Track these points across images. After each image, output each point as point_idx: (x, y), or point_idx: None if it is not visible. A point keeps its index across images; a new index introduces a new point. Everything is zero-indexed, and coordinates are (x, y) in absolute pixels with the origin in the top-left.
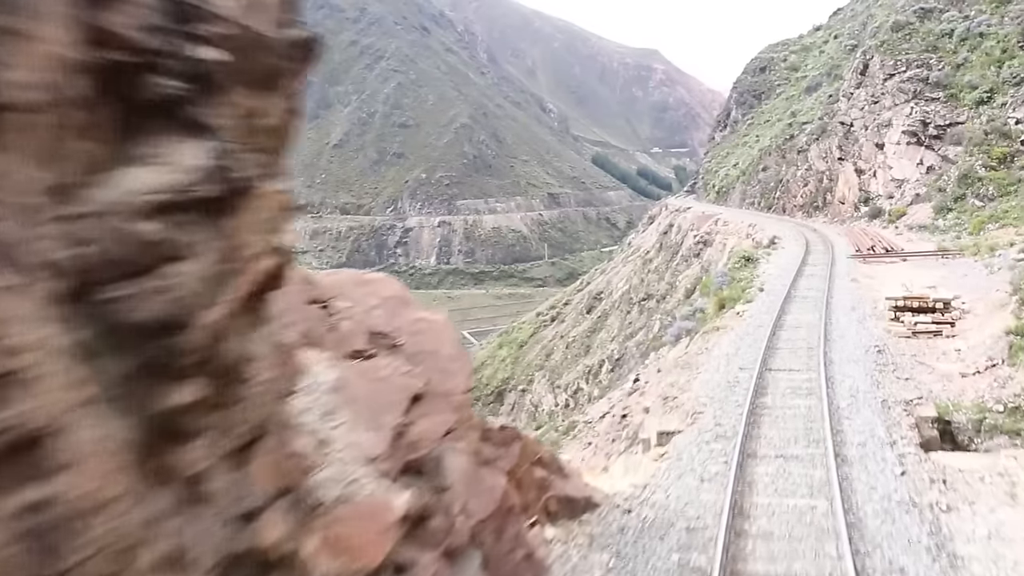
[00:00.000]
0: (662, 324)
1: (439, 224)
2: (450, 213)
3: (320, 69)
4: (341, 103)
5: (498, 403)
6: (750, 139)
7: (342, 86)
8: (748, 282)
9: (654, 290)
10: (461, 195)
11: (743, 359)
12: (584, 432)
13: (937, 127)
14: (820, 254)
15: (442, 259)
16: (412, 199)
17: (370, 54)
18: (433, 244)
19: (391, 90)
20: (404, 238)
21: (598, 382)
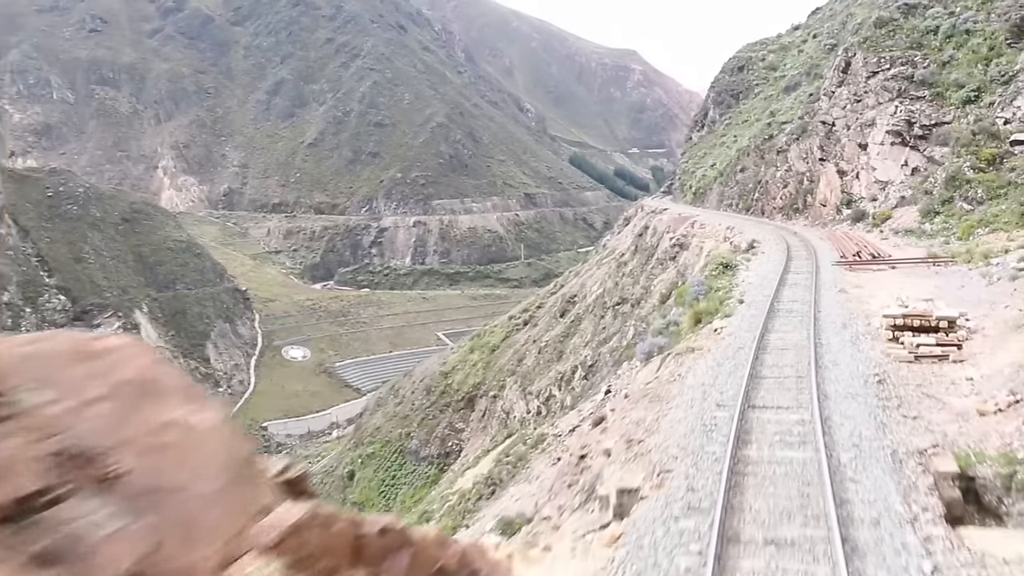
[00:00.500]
0: (636, 331)
1: (414, 224)
2: (425, 213)
3: (295, 67)
4: (316, 101)
5: (469, 410)
6: (728, 139)
7: (317, 84)
8: (726, 292)
9: (628, 294)
10: (437, 195)
11: (721, 392)
12: (553, 445)
13: (922, 127)
14: (803, 260)
15: (417, 259)
16: (387, 199)
17: (346, 52)
18: (408, 244)
19: (367, 89)
20: (379, 238)
21: (571, 389)
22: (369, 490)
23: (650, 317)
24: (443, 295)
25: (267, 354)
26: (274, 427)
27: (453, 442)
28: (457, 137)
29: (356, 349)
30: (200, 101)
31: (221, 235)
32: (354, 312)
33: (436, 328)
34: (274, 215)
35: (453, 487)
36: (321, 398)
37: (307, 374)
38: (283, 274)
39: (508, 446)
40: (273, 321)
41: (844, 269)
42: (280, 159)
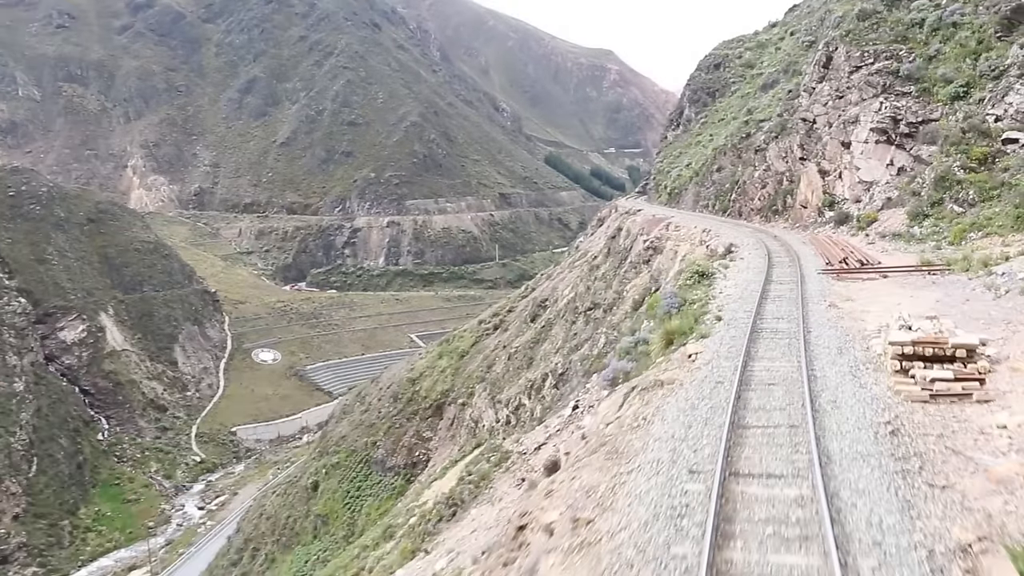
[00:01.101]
0: (607, 339)
1: (388, 224)
2: (399, 213)
3: (268, 65)
4: (289, 100)
5: (437, 418)
6: (704, 138)
7: (290, 83)
8: (702, 306)
9: (601, 299)
10: (411, 195)
11: (695, 450)
12: (518, 465)
13: (909, 124)
14: (785, 267)
15: (391, 260)
16: (361, 199)
17: (319, 50)
18: (382, 245)
19: (340, 87)
20: (352, 238)
21: (541, 398)
22: (334, 502)
23: (622, 325)
24: (416, 296)
25: (237, 357)
26: (243, 432)
27: (420, 451)
28: (431, 136)
29: (328, 352)
30: (171, 99)
31: (191, 236)
32: (326, 314)
33: (409, 330)
34: (246, 215)
35: (419, 499)
36: (291, 402)
37: (277, 377)
38: (254, 275)
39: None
40: (243, 323)
41: (831, 278)
42: (252, 158)
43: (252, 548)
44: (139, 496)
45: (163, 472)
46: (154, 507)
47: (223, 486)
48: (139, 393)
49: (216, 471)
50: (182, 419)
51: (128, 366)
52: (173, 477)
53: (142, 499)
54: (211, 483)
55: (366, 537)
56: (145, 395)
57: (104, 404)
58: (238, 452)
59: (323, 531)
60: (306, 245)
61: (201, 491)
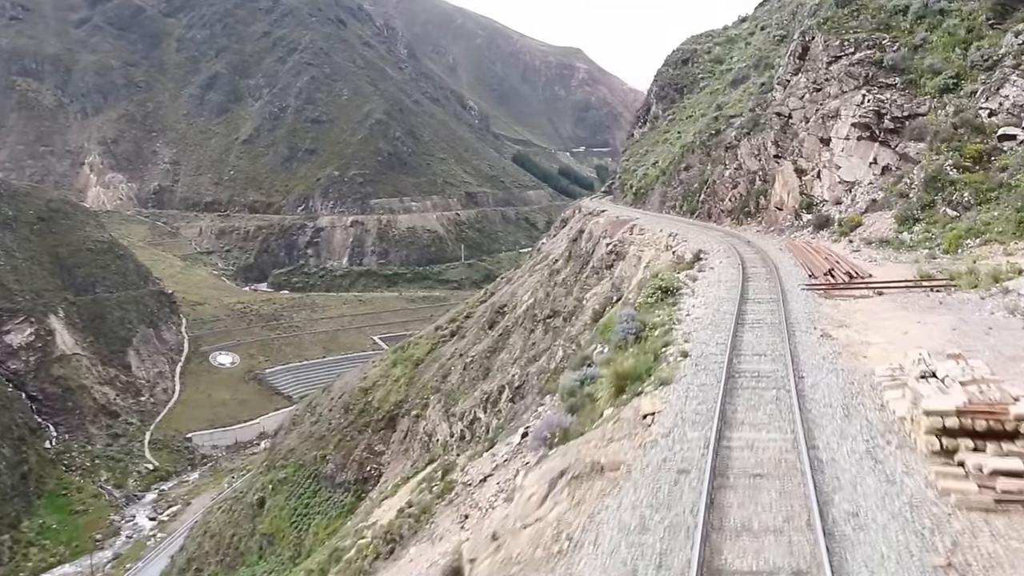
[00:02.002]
0: (565, 352)
1: (352, 224)
2: (363, 212)
3: (230, 61)
4: (252, 97)
5: (389, 430)
6: (671, 136)
7: (253, 79)
8: (665, 333)
9: (561, 307)
10: (375, 194)
11: None
12: (462, 498)
13: (894, 119)
14: (763, 280)
15: (354, 260)
16: (324, 197)
17: (283, 46)
18: (345, 244)
19: (304, 84)
20: (315, 238)
21: (497, 412)
22: (280, 520)
23: (580, 338)
24: (380, 297)
25: (194, 360)
26: (199, 438)
27: (372, 466)
28: (396, 134)
29: (288, 354)
30: (130, 95)
31: (150, 235)
32: (287, 316)
33: (372, 332)
34: (206, 214)
35: (369, 519)
36: (250, 407)
37: (235, 381)
38: (214, 276)
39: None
40: (201, 325)
41: (817, 295)
42: (213, 156)
43: (195, 568)
44: (87, 507)
45: (114, 481)
46: (103, 518)
47: (176, 495)
48: (90, 399)
49: (170, 479)
50: (135, 425)
51: (79, 371)
52: (124, 486)
53: (91, 510)
54: (164, 492)
55: (312, 560)
56: (96, 401)
57: (52, 410)
58: (193, 459)
59: (269, 551)
60: (268, 245)
61: (153, 501)
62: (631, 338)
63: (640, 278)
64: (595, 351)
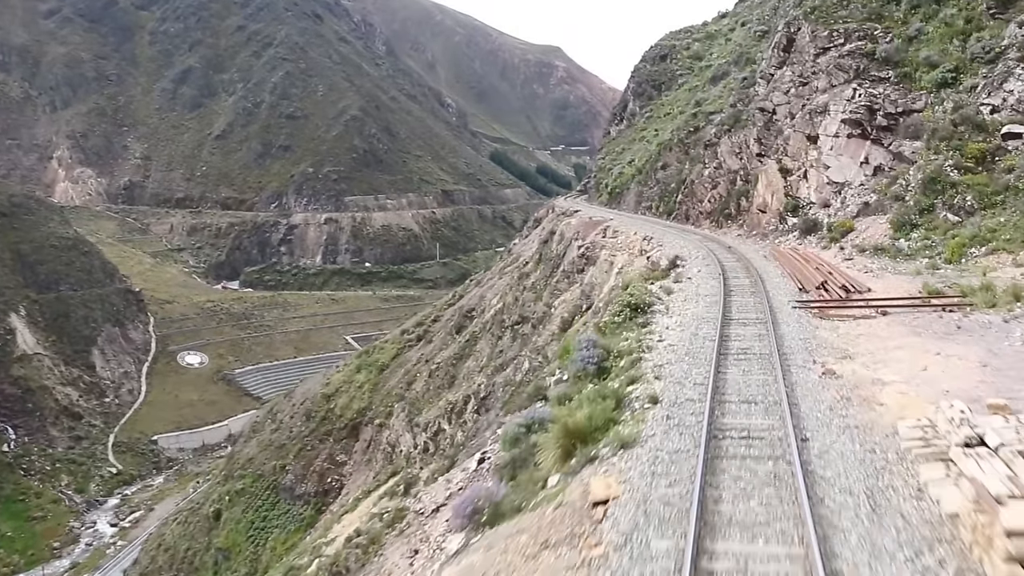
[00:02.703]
0: (531, 364)
1: (325, 221)
2: (337, 210)
3: (204, 55)
4: (226, 91)
5: (352, 439)
6: (648, 133)
7: (227, 74)
8: (632, 364)
9: (529, 312)
10: (350, 191)
11: None
12: (413, 528)
13: (887, 115)
14: (747, 294)
15: (328, 258)
16: (298, 194)
17: (258, 41)
18: (319, 242)
19: (279, 79)
20: (288, 236)
21: (462, 423)
22: (236, 533)
23: (548, 349)
24: (353, 296)
25: (161, 360)
26: (165, 440)
27: (333, 478)
28: (372, 131)
29: (258, 354)
30: (100, 88)
31: (119, 231)
32: (258, 314)
33: (345, 331)
34: (178, 210)
35: (328, 534)
36: (218, 408)
37: (204, 382)
38: (185, 273)
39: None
40: (169, 324)
41: (812, 314)
42: (186, 151)
43: None
44: (46, 513)
45: (75, 486)
46: (62, 525)
47: (140, 500)
48: (51, 400)
49: (134, 483)
50: (99, 427)
51: (40, 371)
52: (86, 491)
53: (49, 516)
54: (127, 497)
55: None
56: (58, 402)
57: (11, 412)
58: (159, 462)
59: (224, 567)
60: (240, 242)
61: (116, 506)
62: (592, 368)
63: (611, 285)
64: (552, 379)
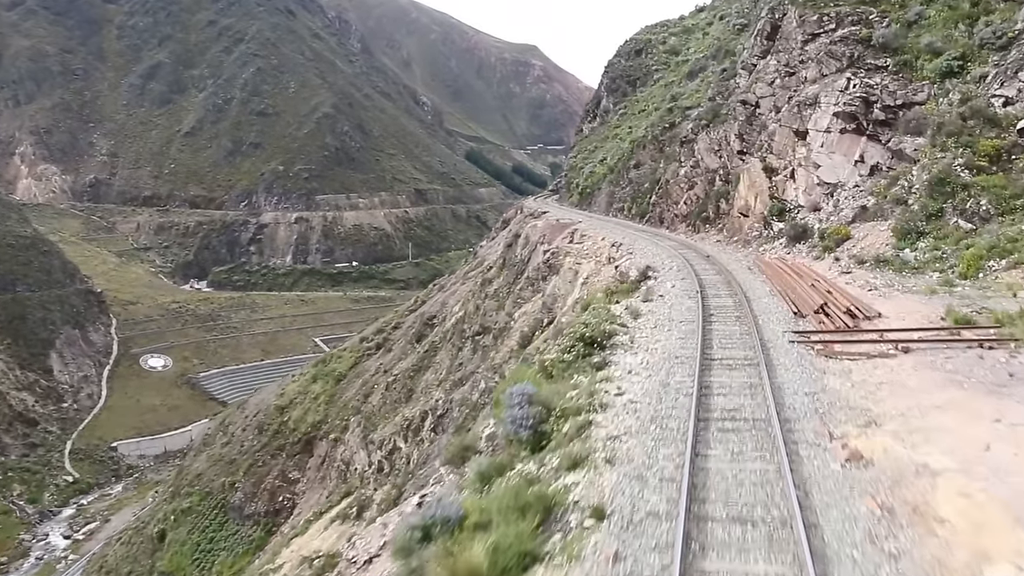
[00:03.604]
0: (486, 384)
1: (296, 220)
2: (308, 209)
3: (173, 50)
4: (195, 88)
5: (306, 454)
6: (622, 131)
7: (197, 69)
8: (577, 432)
9: (491, 322)
10: (321, 189)
11: None
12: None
13: (885, 108)
14: (731, 319)
15: (298, 258)
16: (268, 193)
17: (229, 36)
18: (289, 242)
19: (250, 75)
20: (258, 235)
21: (418, 441)
22: (181, 556)
23: (506, 367)
24: (323, 297)
25: (123, 363)
26: (125, 447)
27: (285, 496)
28: (344, 129)
29: (224, 357)
30: (66, 83)
31: (84, 230)
32: (225, 316)
33: (314, 333)
34: (145, 209)
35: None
36: (181, 413)
37: (167, 386)
38: (151, 273)
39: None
40: (132, 326)
41: (814, 352)
42: (154, 148)
43: None
44: None
45: (28, 495)
46: (12, 537)
47: (96, 510)
48: (5, 405)
49: (91, 492)
50: (55, 434)
51: None
52: (39, 501)
53: None
54: (83, 507)
55: None
56: (12, 407)
57: None
58: (118, 470)
59: None
60: (209, 241)
61: (71, 517)
62: (525, 434)
63: (576, 297)
64: (484, 434)
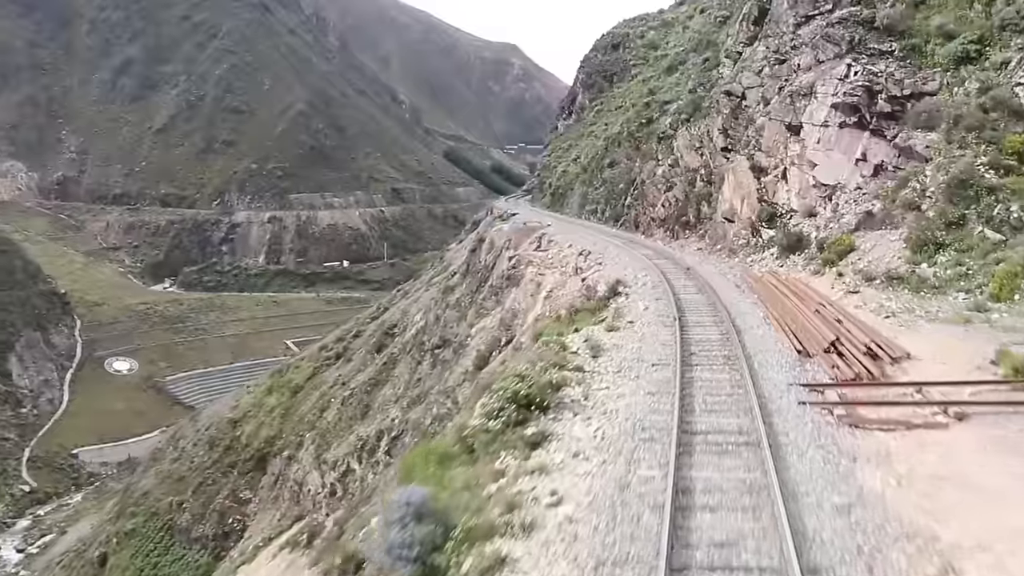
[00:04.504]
0: (439, 410)
1: (269, 220)
2: (282, 208)
3: (146, 45)
4: (168, 84)
5: (259, 472)
6: (597, 128)
7: (169, 65)
8: None
9: (452, 335)
10: (295, 188)
11: None
12: None
13: (891, 99)
14: (718, 363)
15: (271, 258)
16: (241, 192)
17: (203, 31)
18: (262, 242)
19: (224, 72)
20: (231, 234)
21: (373, 463)
22: None
23: (459, 391)
24: (296, 298)
25: (87, 367)
26: (87, 454)
27: (235, 518)
28: (319, 127)
29: (192, 360)
30: (34, 78)
31: (51, 229)
32: (194, 318)
33: (285, 335)
34: (115, 207)
35: None
36: (146, 418)
37: (132, 390)
38: (120, 273)
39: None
40: (97, 328)
41: (835, 418)
42: (124, 146)
43: None
44: None
45: None
46: None
47: (53, 521)
48: None
49: (48, 503)
50: (12, 440)
51: None
52: None
53: None
54: (39, 518)
55: None
56: None
57: None
58: (78, 479)
59: None
60: (180, 241)
61: (25, 528)
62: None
63: (537, 313)
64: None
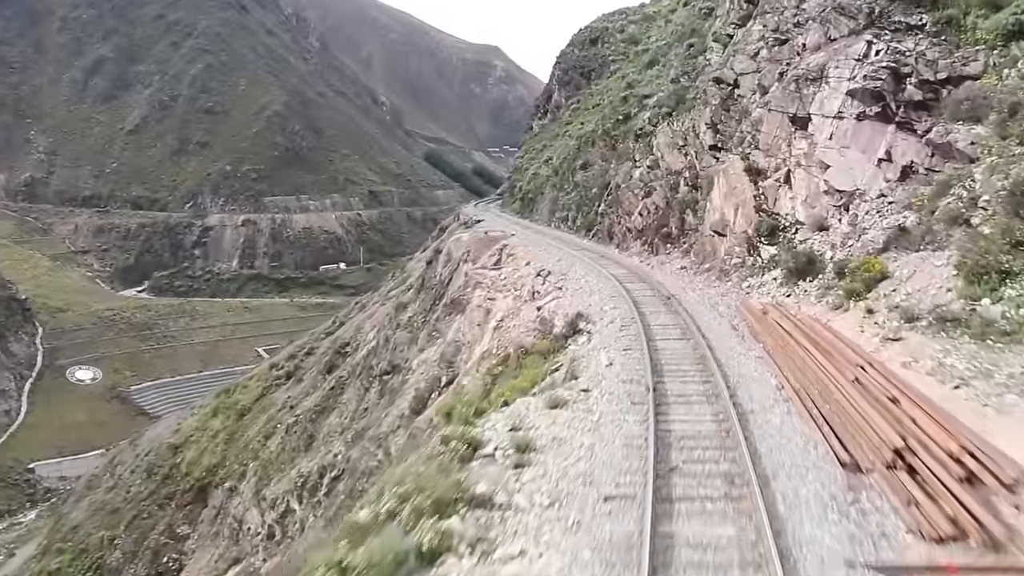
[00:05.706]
0: (368, 462)
1: (243, 223)
2: (256, 211)
3: (118, 44)
4: (141, 84)
5: (199, 504)
6: (573, 128)
7: (143, 65)
8: None
9: (401, 359)
10: (270, 191)
11: None
12: None
13: (923, 84)
14: (715, 492)
15: (245, 263)
16: (214, 194)
17: (177, 30)
18: (236, 245)
19: (198, 72)
20: (203, 238)
21: (315, 503)
22: None
23: (392, 440)
24: (269, 304)
25: (47, 376)
26: (44, 468)
27: (170, 556)
28: (296, 128)
29: (159, 368)
30: (2, 76)
31: (17, 232)
32: (162, 324)
33: (257, 343)
34: (84, 210)
35: None
36: (109, 430)
37: (95, 400)
38: (87, 278)
39: None
40: (60, 336)
41: None
42: (95, 146)
43: None
44: None
45: None
46: None
47: (2, 542)
48: None
49: (1, 521)
50: None
51: None
52: None
53: None
54: None
55: None
56: None
57: None
58: (34, 494)
59: None
60: (151, 244)
61: None
62: None
63: (484, 349)
64: None
